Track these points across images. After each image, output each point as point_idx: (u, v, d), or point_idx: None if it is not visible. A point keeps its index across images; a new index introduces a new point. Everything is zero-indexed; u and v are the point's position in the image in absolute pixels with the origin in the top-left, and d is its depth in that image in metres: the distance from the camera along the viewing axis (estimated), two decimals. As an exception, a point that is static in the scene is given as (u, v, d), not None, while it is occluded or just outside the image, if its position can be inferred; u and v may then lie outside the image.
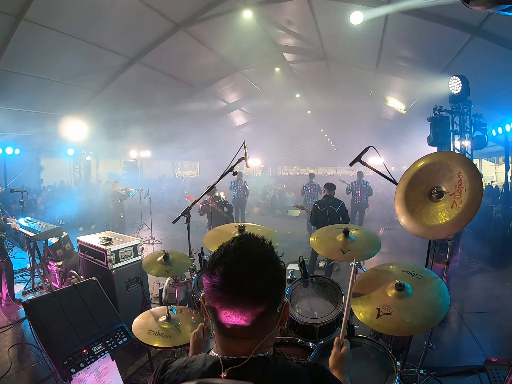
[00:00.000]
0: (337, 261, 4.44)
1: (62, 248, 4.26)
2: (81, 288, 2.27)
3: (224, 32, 6.70)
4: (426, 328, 1.51)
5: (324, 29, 6.63)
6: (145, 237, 7.63)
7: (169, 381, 0.73)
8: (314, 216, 4.63)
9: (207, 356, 0.74)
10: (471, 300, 4.20)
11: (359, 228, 2.22)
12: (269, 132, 14.50)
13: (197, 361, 0.74)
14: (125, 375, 2.55)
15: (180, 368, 0.74)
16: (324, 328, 1.78)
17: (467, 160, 1.56)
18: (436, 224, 1.53)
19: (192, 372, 0.71)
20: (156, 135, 12.26)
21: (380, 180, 13.60)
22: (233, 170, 2.54)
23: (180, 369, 0.74)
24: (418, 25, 5.20)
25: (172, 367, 0.76)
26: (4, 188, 6.05)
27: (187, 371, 0.72)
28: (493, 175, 13.19)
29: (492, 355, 2.80)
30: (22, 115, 7.49)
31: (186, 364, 0.75)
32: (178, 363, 0.76)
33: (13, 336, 3.24)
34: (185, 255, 2.57)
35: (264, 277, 0.68)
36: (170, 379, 0.73)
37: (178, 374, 0.73)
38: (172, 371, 0.74)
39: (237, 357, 0.69)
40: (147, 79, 8.08)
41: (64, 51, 5.96)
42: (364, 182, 8.19)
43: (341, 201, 4.67)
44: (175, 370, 0.74)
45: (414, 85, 7.48)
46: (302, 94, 11.61)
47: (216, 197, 5.56)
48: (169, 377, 0.73)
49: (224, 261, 0.68)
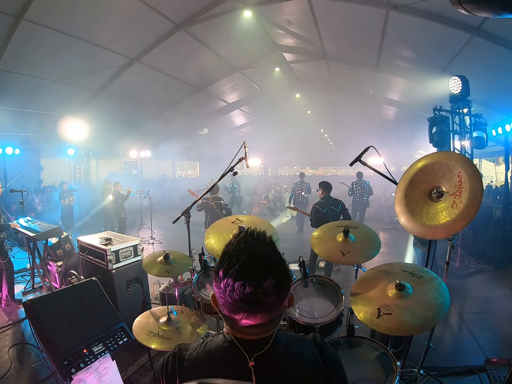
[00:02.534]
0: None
1: (62, 248, 4.26)
2: (81, 288, 2.26)
3: (224, 32, 6.70)
4: (426, 328, 1.51)
5: (324, 29, 6.63)
6: (145, 237, 7.63)
7: (190, 360, 0.77)
8: (316, 218, 4.44)
9: (225, 335, 0.80)
10: (471, 300, 4.20)
11: (359, 226, 2.22)
12: (269, 132, 14.50)
13: (215, 339, 0.80)
14: (125, 375, 2.55)
15: (200, 346, 0.80)
16: (324, 328, 1.78)
17: (467, 160, 1.56)
18: (436, 224, 1.54)
19: (214, 348, 0.78)
20: (156, 135, 12.25)
21: (380, 180, 13.61)
22: (233, 170, 2.54)
23: (200, 347, 0.79)
24: (418, 25, 5.20)
25: (190, 349, 0.80)
26: (4, 188, 6.04)
27: (207, 349, 0.78)
28: (493, 175, 13.19)
29: (492, 355, 2.80)
30: (22, 115, 7.48)
31: (206, 343, 0.80)
32: (196, 345, 0.81)
33: (13, 336, 3.24)
34: (186, 255, 2.57)
35: (281, 286, 0.72)
36: (191, 358, 0.78)
37: (198, 353, 0.78)
38: (192, 351, 0.79)
39: (256, 337, 0.76)
40: (147, 79, 8.07)
41: (64, 51, 5.95)
42: (364, 181, 8.21)
43: (340, 200, 4.64)
44: (195, 349, 0.79)
45: (414, 85, 7.48)
46: (302, 94, 11.61)
47: (217, 197, 5.56)
48: (190, 357, 0.78)
49: (239, 273, 0.70)
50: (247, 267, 0.70)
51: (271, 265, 0.72)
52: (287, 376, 0.74)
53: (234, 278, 0.69)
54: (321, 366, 0.78)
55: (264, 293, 0.69)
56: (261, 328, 0.75)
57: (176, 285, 2.45)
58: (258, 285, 0.68)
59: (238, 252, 0.72)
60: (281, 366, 0.75)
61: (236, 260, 0.70)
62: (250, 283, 0.68)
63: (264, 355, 0.74)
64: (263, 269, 0.70)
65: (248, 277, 0.69)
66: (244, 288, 0.68)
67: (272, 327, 0.78)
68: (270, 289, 0.69)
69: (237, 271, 0.69)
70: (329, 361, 0.81)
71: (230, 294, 0.69)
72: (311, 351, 0.81)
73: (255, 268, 0.70)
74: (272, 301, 0.71)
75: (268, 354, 0.75)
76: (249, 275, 0.69)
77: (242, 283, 0.68)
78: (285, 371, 0.75)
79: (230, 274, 0.70)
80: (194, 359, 0.77)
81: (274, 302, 0.71)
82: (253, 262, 0.71)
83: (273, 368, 0.75)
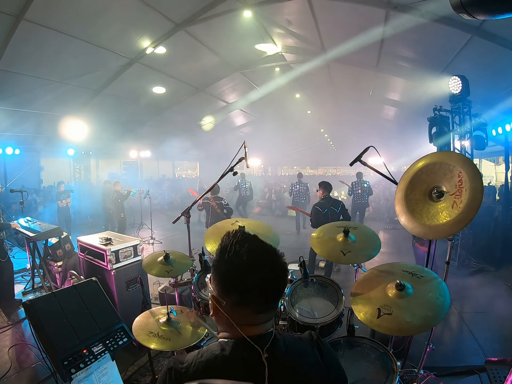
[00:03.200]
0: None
1: (62, 248, 4.27)
2: (81, 288, 2.26)
3: (224, 32, 6.70)
4: (426, 328, 1.51)
5: (324, 29, 6.63)
6: (145, 237, 7.63)
7: (188, 374, 0.73)
8: (316, 218, 4.45)
9: (221, 342, 0.78)
10: (471, 300, 4.20)
11: (358, 226, 2.22)
12: (269, 132, 14.49)
13: (211, 348, 0.77)
14: (125, 375, 2.55)
15: (196, 359, 0.75)
16: (325, 328, 1.77)
17: (468, 160, 1.56)
18: (436, 224, 1.53)
19: (212, 358, 0.74)
20: (156, 135, 12.26)
21: (380, 180, 13.61)
22: (233, 170, 2.54)
23: (197, 360, 0.75)
24: (418, 25, 5.20)
25: (186, 361, 0.76)
26: (4, 188, 6.04)
27: (204, 359, 0.74)
28: (493, 175, 13.19)
29: (492, 355, 2.80)
30: (22, 115, 7.48)
31: (201, 354, 0.76)
32: (191, 356, 0.77)
33: (13, 336, 3.24)
34: (186, 255, 2.57)
35: (284, 281, 0.79)
36: (189, 372, 0.73)
37: (195, 365, 0.74)
38: (188, 364, 0.75)
39: (256, 335, 0.76)
40: (147, 79, 8.07)
41: (64, 51, 5.96)
42: (364, 181, 8.21)
43: (340, 201, 4.64)
44: (191, 362, 0.75)
45: (414, 85, 7.48)
46: (302, 94, 11.60)
47: (218, 197, 5.56)
48: (187, 370, 0.74)
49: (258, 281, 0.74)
50: (258, 248, 0.77)
51: (275, 253, 0.78)
52: (292, 375, 0.74)
53: (247, 251, 0.74)
54: (321, 365, 0.79)
55: (275, 303, 0.78)
56: (269, 314, 0.78)
57: (176, 286, 2.45)
58: (271, 260, 0.76)
59: (239, 241, 0.76)
60: (285, 364, 0.75)
61: (242, 244, 0.75)
62: (263, 258, 0.76)
63: (270, 349, 0.74)
64: (271, 252, 0.78)
65: (260, 252, 0.76)
66: (258, 256, 0.75)
67: (271, 320, 0.80)
68: (281, 268, 0.77)
69: (248, 249, 0.75)
70: (329, 360, 0.81)
71: (242, 261, 0.73)
72: (310, 351, 0.81)
73: (264, 249, 0.77)
74: (283, 281, 0.78)
75: (272, 349, 0.75)
76: (261, 251, 0.77)
77: (256, 256, 0.75)
78: (290, 369, 0.75)
79: (241, 249, 0.74)
80: (192, 371, 0.73)
81: (284, 284, 0.78)
82: (259, 246, 0.77)
83: (279, 364, 0.74)
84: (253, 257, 0.73)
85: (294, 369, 0.75)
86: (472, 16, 1.67)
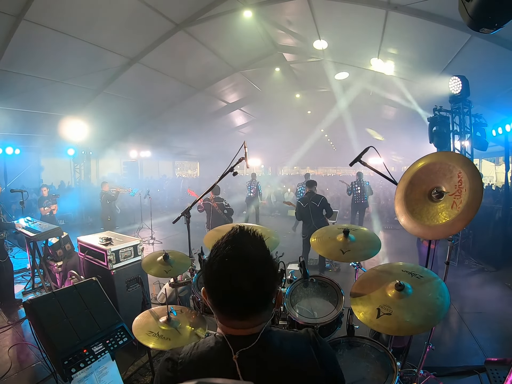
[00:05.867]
0: (337, 261, 4.54)
1: (62, 248, 4.27)
2: (81, 288, 2.26)
3: (224, 32, 6.70)
4: (426, 328, 1.51)
5: (324, 29, 6.63)
6: (145, 237, 7.63)
7: (184, 364, 0.77)
8: (299, 212, 5.13)
9: (217, 335, 0.80)
10: (471, 300, 4.20)
11: (358, 229, 2.22)
12: (269, 132, 14.49)
13: (207, 341, 0.81)
14: (125, 375, 2.55)
15: (192, 349, 0.80)
16: (324, 328, 1.78)
17: (467, 160, 1.56)
18: (436, 224, 1.53)
19: (206, 349, 0.78)
20: (156, 135, 12.25)
21: (380, 180, 13.61)
22: (233, 170, 2.54)
23: (193, 351, 0.80)
24: (418, 25, 5.20)
25: (182, 352, 0.80)
26: (4, 188, 6.05)
27: (199, 351, 0.79)
28: (493, 175, 13.19)
29: (492, 355, 2.80)
30: (23, 115, 7.48)
31: (198, 346, 0.81)
32: (188, 348, 0.81)
33: (13, 336, 3.24)
34: (185, 255, 2.56)
35: (264, 288, 0.76)
36: (185, 361, 0.78)
37: (191, 355, 0.78)
38: (184, 355, 0.79)
39: (245, 334, 0.77)
40: (147, 79, 8.07)
41: (64, 51, 5.96)
42: (364, 181, 8.21)
43: (321, 196, 5.12)
44: (187, 352, 0.79)
45: (414, 85, 7.48)
46: (302, 94, 11.60)
47: (218, 198, 5.56)
48: (183, 360, 0.78)
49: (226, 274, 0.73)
50: (233, 258, 0.74)
51: (255, 259, 0.75)
52: (279, 373, 0.74)
53: (220, 265, 0.74)
54: (316, 362, 0.78)
55: (250, 298, 0.74)
56: (250, 322, 0.77)
57: (176, 286, 2.45)
58: (241, 274, 0.73)
59: (227, 242, 0.77)
60: (272, 362, 0.75)
61: (223, 249, 0.75)
62: (234, 273, 0.73)
63: (251, 351, 0.75)
64: (246, 262, 0.74)
65: (233, 268, 0.73)
66: (228, 277, 0.73)
67: (259, 323, 0.78)
68: (253, 280, 0.73)
69: (221, 258, 0.74)
70: (325, 357, 0.81)
71: (211, 270, 0.75)
72: (305, 347, 0.81)
73: (239, 259, 0.74)
74: (255, 293, 0.74)
75: (255, 350, 0.75)
76: (233, 266, 0.73)
77: (227, 272, 0.73)
78: (277, 367, 0.75)
79: (217, 261, 0.74)
80: (188, 361, 0.77)
81: (258, 296, 0.75)
82: (237, 253, 0.75)
83: (261, 364, 0.75)
84: (223, 267, 0.74)
85: (287, 364, 0.75)
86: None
